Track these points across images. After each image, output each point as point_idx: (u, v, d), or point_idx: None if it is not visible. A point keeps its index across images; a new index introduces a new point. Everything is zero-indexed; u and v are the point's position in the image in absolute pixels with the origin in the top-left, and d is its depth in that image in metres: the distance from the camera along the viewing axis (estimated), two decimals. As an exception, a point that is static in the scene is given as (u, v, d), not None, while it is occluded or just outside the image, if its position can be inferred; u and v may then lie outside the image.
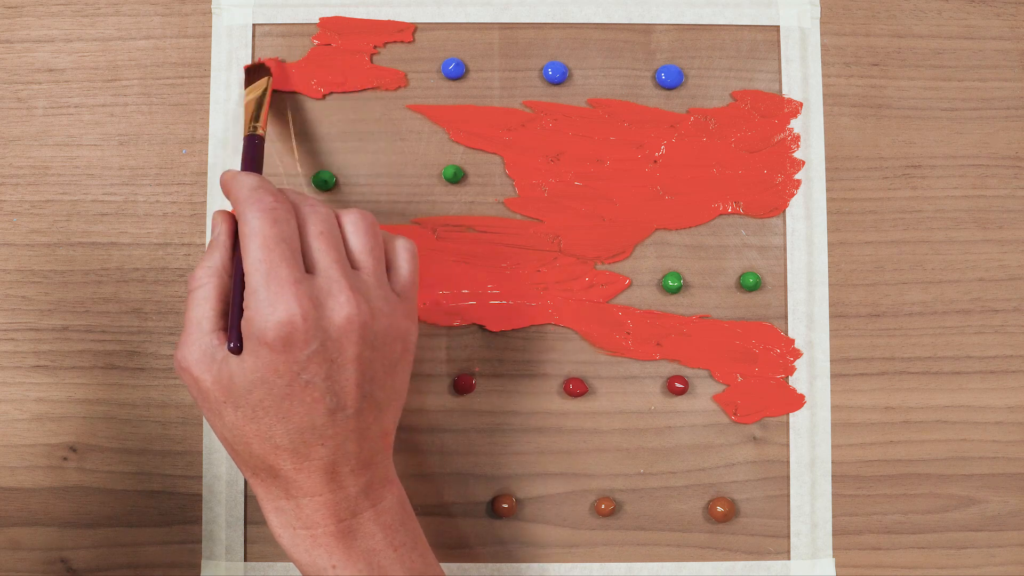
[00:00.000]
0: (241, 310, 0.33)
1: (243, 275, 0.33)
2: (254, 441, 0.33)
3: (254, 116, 0.40)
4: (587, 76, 0.44)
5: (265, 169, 0.43)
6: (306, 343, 0.31)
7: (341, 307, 0.32)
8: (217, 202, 0.43)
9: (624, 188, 0.44)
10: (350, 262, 0.34)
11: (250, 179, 0.34)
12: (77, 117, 0.44)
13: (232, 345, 0.32)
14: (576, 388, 0.43)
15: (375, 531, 0.34)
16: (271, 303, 0.31)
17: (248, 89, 0.41)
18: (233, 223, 0.36)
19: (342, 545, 0.33)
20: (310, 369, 0.32)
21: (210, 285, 0.34)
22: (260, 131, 0.39)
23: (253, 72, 0.42)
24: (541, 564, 0.43)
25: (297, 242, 0.33)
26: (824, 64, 0.45)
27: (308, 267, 0.33)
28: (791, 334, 0.44)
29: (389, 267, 0.36)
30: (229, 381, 0.32)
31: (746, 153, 0.44)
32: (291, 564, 0.42)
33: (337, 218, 0.35)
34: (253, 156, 0.38)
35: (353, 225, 0.35)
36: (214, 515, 0.43)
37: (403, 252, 0.36)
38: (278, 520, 0.34)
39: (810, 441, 0.43)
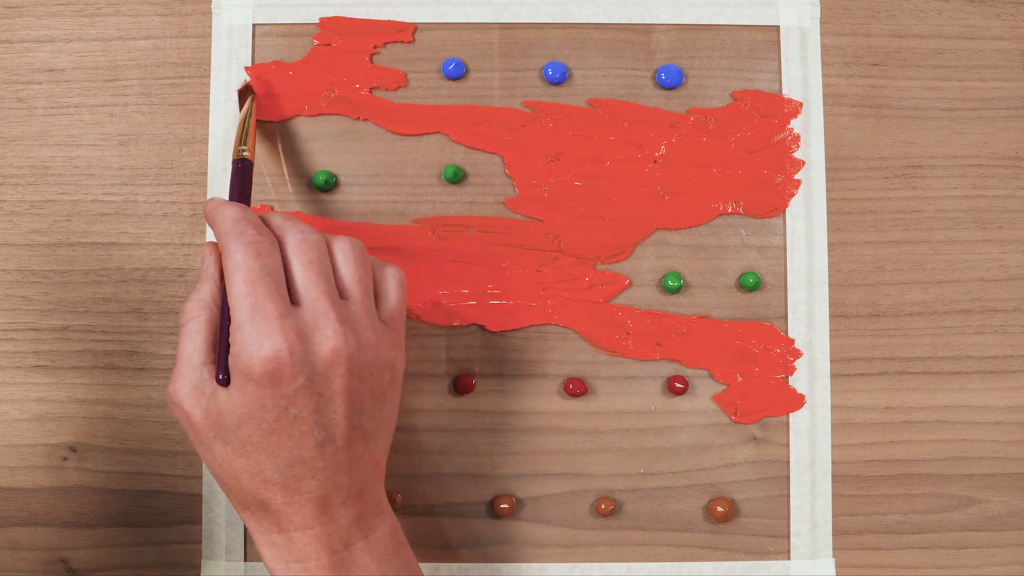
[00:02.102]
0: (228, 344, 0.33)
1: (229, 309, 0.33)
2: (244, 475, 0.32)
3: (241, 139, 0.39)
4: (587, 76, 0.44)
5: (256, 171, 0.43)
6: (293, 378, 0.31)
7: (327, 340, 0.32)
8: (217, 202, 0.43)
9: (624, 188, 0.44)
10: (339, 291, 0.34)
11: (233, 210, 0.34)
12: (77, 117, 0.44)
13: (220, 377, 0.32)
14: (576, 388, 0.43)
15: (368, 562, 0.34)
16: (256, 338, 0.31)
17: (240, 112, 0.41)
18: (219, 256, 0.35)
19: None
20: (298, 403, 0.31)
21: (200, 318, 0.34)
22: (248, 155, 0.39)
23: (243, 94, 0.42)
24: (541, 564, 0.43)
25: (282, 275, 0.33)
26: (824, 64, 0.45)
27: (295, 298, 0.33)
28: (791, 334, 0.44)
29: (377, 295, 0.36)
30: (218, 416, 0.32)
31: (746, 153, 0.44)
32: (291, 564, 0.42)
33: (327, 245, 0.35)
34: (240, 181, 0.38)
35: (343, 254, 0.35)
36: (214, 515, 0.43)
37: (392, 280, 0.36)
38: (271, 554, 0.34)
39: (810, 441, 0.43)
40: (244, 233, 0.33)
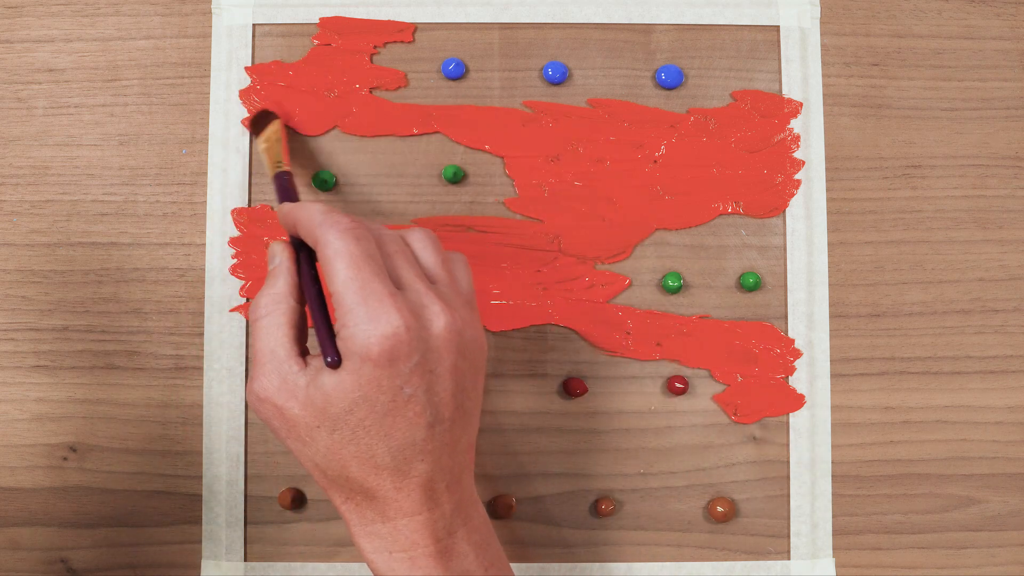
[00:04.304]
0: (328, 329, 0.32)
1: (320, 297, 0.33)
2: (352, 463, 0.32)
3: (276, 157, 0.40)
4: (587, 76, 0.44)
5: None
6: (409, 356, 0.31)
7: (438, 317, 0.32)
8: (217, 202, 0.43)
9: (624, 188, 0.44)
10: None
11: (316, 205, 0.34)
12: (77, 117, 0.44)
13: (330, 360, 0.31)
14: (576, 388, 0.43)
15: (468, 551, 0.33)
16: (372, 318, 0.31)
17: (261, 138, 0.42)
18: (293, 251, 0.35)
19: (440, 566, 0.33)
20: (412, 382, 0.31)
21: (277, 312, 0.33)
22: (285, 167, 0.39)
23: (260, 120, 0.42)
24: (541, 564, 0.43)
25: (381, 259, 0.33)
26: (824, 64, 0.45)
27: None
28: (791, 334, 0.44)
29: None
30: (324, 404, 0.31)
31: (746, 153, 0.44)
32: (291, 564, 0.42)
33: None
34: (289, 190, 0.38)
35: (420, 243, 0.35)
36: (214, 515, 0.43)
37: (461, 264, 0.36)
38: (372, 545, 0.33)
39: (810, 441, 0.43)
40: (339, 221, 0.32)
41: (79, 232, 0.43)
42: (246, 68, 0.44)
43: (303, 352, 0.33)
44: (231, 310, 0.43)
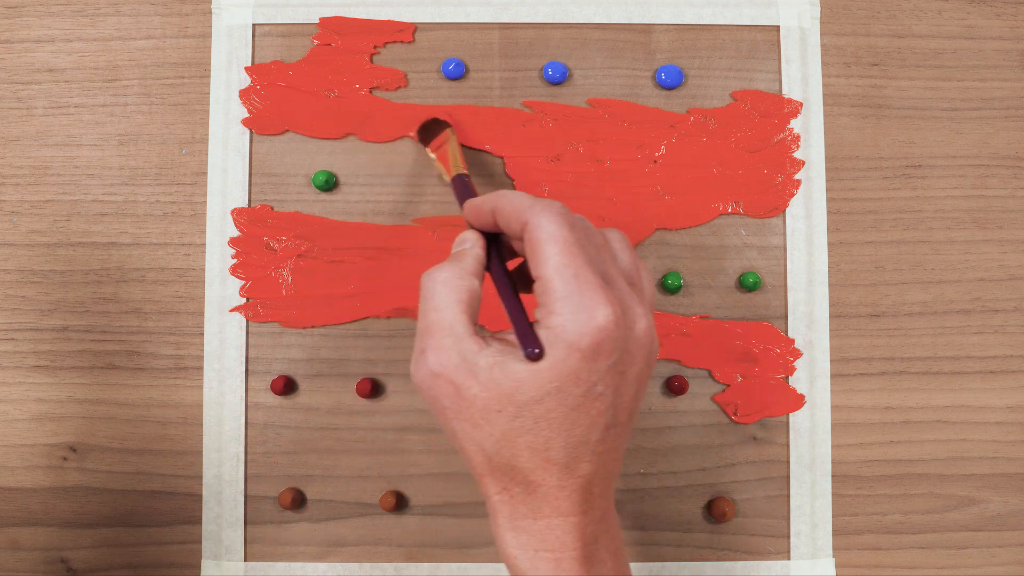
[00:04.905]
0: (527, 321, 0.31)
1: (515, 288, 0.33)
2: (524, 453, 0.30)
3: (454, 161, 0.40)
4: (587, 76, 0.44)
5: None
6: (611, 353, 0.30)
7: (640, 319, 0.31)
8: (217, 202, 0.43)
9: (624, 188, 0.44)
10: None
11: (521, 192, 0.32)
12: (77, 117, 0.44)
13: (532, 352, 0.30)
14: (576, 388, 0.43)
15: (607, 559, 0.32)
16: (588, 307, 0.29)
17: (433, 144, 0.42)
18: (485, 240, 0.34)
19: (584, 570, 0.31)
20: (605, 380, 0.30)
21: (459, 288, 0.31)
22: (463, 170, 0.39)
23: (431, 128, 0.43)
24: (541, 564, 0.43)
25: (591, 248, 0.31)
26: (824, 64, 0.45)
27: None
28: (791, 334, 0.44)
29: None
30: (512, 390, 0.30)
31: (746, 153, 0.44)
32: (291, 564, 0.42)
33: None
34: (470, 190, 0.38)
35: (619, 242, 0.33)
36: (214, 515, 0.43)
37: (647, 273, 0.34)
38: (518, 540, 0.31)
39: (810, 441, 0.43)
40: (552, 205, 0.31)
41: (79, 232, 0.44)
42: (246, 68, 0.44)
43: (477, 332, 0.32)
44: (231, 310, 0.43)
